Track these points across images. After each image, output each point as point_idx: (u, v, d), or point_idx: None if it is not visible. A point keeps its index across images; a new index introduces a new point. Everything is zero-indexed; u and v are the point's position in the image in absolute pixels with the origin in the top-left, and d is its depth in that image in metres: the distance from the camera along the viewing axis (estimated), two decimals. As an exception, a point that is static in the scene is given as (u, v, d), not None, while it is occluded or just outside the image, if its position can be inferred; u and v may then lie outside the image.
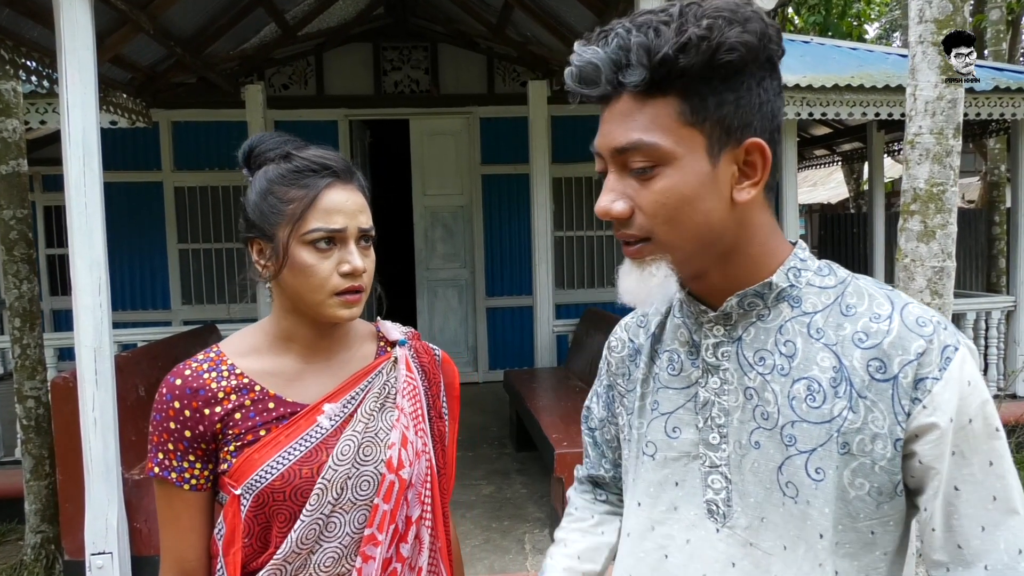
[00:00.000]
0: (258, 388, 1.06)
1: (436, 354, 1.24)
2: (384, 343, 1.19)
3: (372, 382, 1.11)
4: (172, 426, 1.04)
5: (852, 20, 11.56)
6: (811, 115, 5.15)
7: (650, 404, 0.89)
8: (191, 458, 1.05)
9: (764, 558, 0.78)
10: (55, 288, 6.59)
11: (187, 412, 1.04)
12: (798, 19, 11.51)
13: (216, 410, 1.04)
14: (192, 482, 1.06)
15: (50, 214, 6.54)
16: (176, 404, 1.04)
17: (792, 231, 5.57)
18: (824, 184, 14.53)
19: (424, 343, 1.23)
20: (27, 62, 3.78)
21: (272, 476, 1.02)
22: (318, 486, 1.02)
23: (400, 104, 6.76)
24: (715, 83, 0.73)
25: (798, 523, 0.76)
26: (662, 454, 0.86)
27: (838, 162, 9.76)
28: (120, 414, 3.02)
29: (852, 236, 9.23)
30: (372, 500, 1.06)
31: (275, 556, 1.03)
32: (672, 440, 0.85)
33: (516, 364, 6.74)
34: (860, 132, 7.59)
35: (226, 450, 1.05)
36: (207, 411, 1.04)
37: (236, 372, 1.07)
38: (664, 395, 0.87)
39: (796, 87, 4.97)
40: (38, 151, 6.04)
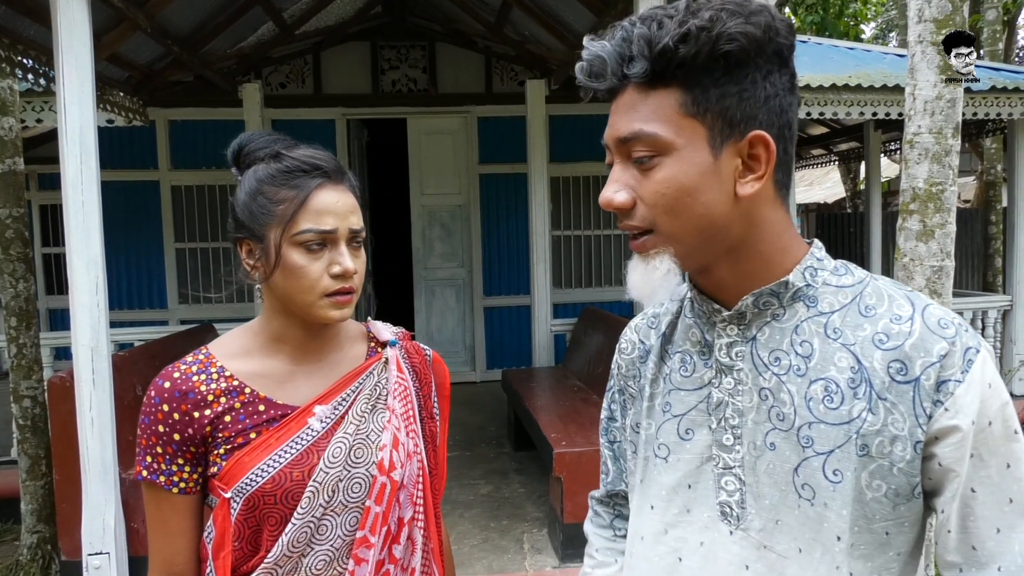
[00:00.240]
0: (248, 390, 1.05)
1: (427, 354, 1.23)
2: (375, 344, 1.18)
3: (363, 383, 1.10)
4: (161, 429, 1.03)
5: (849, 20, 11.59)
6: (808, 115, 5.15)
7: (661, 405, 0.87)
8: (180, 461, 1.04)
9: (779, 561, 0.77)
10: (51, 287, 6.57)
11: (176, 415, 1.03)
12: (795, 18, 11.53)
13: (206, 413, 1.03)
14: (181, 485, 1.04)
15: (46, 213, 6.53)
16: (165, 407, 1.03)
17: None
18: (821, 184, 14.56)
19: (415, 343, 1.22)
20: (24, 60, 3.77)
21: (263, 479, 1.01)
22: (309, 489, 1.01)
23: (398, 103, 6.75)
24: (717, 74, 0.73)
25: (814, 526, 0.75)
26: (675, 456, 0.85)
27: (835, 162, 9.78)
28: (117, 414, 3.01)
29: (849, 236, 9.25)
30: (364, 502, 1.05)
31: (266, 559, 1.02)
32: (685, 442, 0.84)
33: (514, 363, 6.74)
34: (857, 132, 7.61)
35: (216, 453, 1.04)
36: (196, 414, 1.03)
37: (226, 374, 1.06)
38: (676, 397, 0.86)
39: (794, 87, 4.97)
40: (34, 149, 6.03)
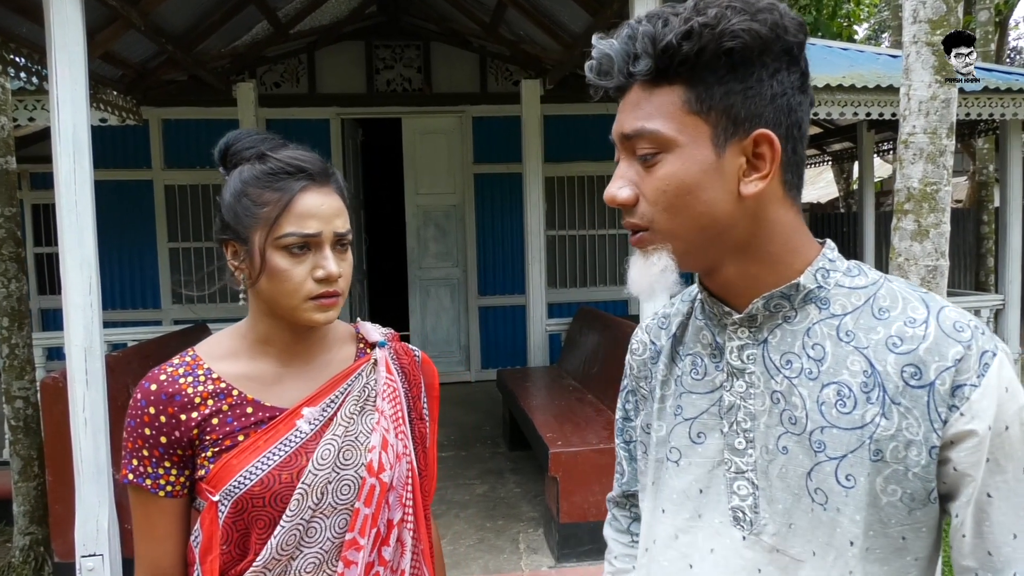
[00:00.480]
0: (235, 393, 1.05)
1: (416, 355, 1.22)
2: (364, 345, 1.17)
3: (352, 385, 1.09)
4: (147, 432, 1.02)
5: (842, 20, 11.63)
6: (811, 113, 5.17)
7: (672, 408, 0.87)
8: (167, 464, 1.03)
9: (792, 564, 0.76)
10: (43, 287, 6.53)
11: (163, 418, 1.02)
12: (789, 19, 11.55)
13: (193, 415, 1.02)
14: (168, 488, 1.04)
15: (38, 212, 6.49)
16: (151, 410, 1.02)
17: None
18: (814, 183, 14.62)
19: (404, 344, 1.21)
20: (16, 58, 3.74)
21: (251, 482, 1.00)
22: (298, 491, 1.01)
23: (392, 103, 6.74)
24: (721, 72, 0.73)
25: (827, 530, 0.75)
26: (686, 460, 0.84)
27: (828, 162, 9.81)
28: (111, 414, 2.99)
29: (842, 235, 9.27)
30: (353, 504, 1.04)
31: (255, 563, 1.01)
32: (697, 446, 0.83)
33: (509, 363, 6.74)
34: (850, 132, 7.63)
35: (203, 456, 1.03)
36: (183, 416, 1.02)
37: (213, 377, 1.05)
38: (688, 400, 0.85)
39: (788, 87, 4.99)
40: (26, 148, 5.99)
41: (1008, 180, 5.74)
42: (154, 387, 1.03)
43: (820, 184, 14.31)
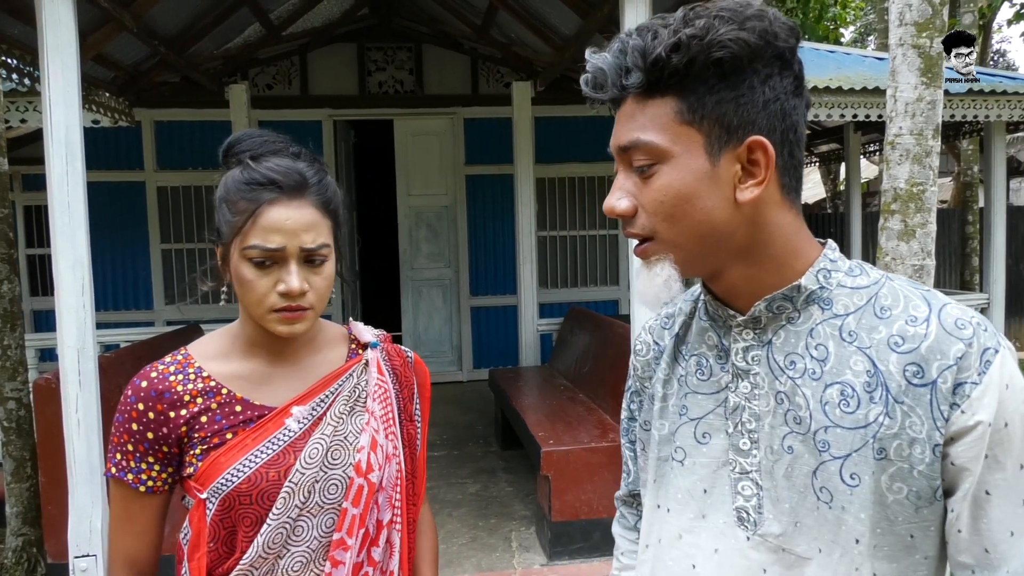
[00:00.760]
0: (225, 391, 1.05)
1: (408, 356, 1.23)
2: (356, 346, 1.18)
3: (342, 385, 1.10)
4: (134, 427, 1.04)
5: (829, 24, 11.72)
6: (807, 116, 5.22)
7: (676, 408, 0.87)
8: (150, 459, 1.04)
9: (798, 562, 0.77)
10: (35, 288, 6.50)
11: (151, 414, 1.03)
12: (777, 22, 11.63)
13: (182, 413, 1.03)
14: (149, 484, 1.05)
15: (30, 214, 6.46)
16: (140, 406, 1.04)
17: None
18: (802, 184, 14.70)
19: (396, 346, 1.22)
20: (8, 59, 3.74)
21: (238, 479, 1.01)
22: (285, 489, 1.01)
23: (384, 104, 6.75)
24: (712, 82, 0.74)
25: (833, 528, 0.75)
26: (691, 460, 0.85)
27: (815, 163, 9.89)
28: (104, 415, 2.99)
29: (830, 236, 9.31)
30: (341, 504, 1.05)
31: (242, 561, 1.01)
32: (702, 446, 0.84)
33: (501, 363, 6.76)
34: (837, 133, 7.70)
35: (192, 454, 1.04)
36: (172, 414, 1.03)
37: (203, 375, 1.06)
38: (693, 400, 0.86)
39: (776, 89, 5.04)
40: (18, 150, 5.97)
41: (992, 181, 5.81)
42: (144, 384, 1.05)
43: (807, 185, 14.41)
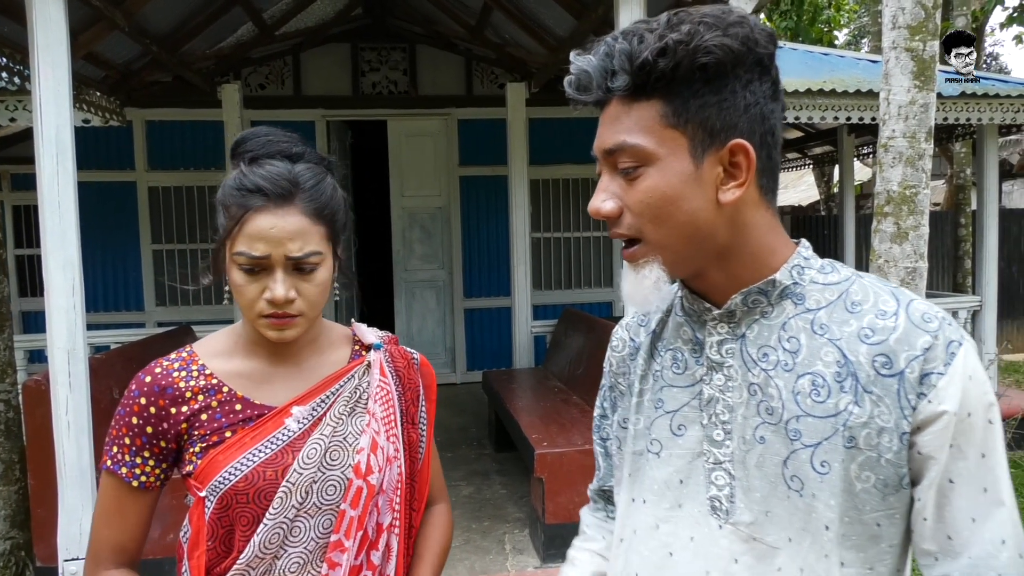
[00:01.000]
0: (226, 389, 1.06)
1: (414, 357, 1.22)
2: (359, 347, 1.17)
3: (344, 386, 1.10)
4: (134, 421, 1.04)
5: (822, 26, 11.77)
6: (783, 119, 5.23)
7: (652, 401, 0.89)
8: (145, 454, 1.04)
9: (768, 551, 0.79)
10: (24, 289, 6.45)
11: (152, 409, 1.04)
12: (770, 24, 11.68)
13: (183, 409, 1.04)
14: (142, 479, 1.05)
15: (19, 213, 6.41)
16: (142, 400, 1.04)
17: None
18: (795, 186, 14.76)
19: (401, 347, 1.21)
20: (-3, 58, 3.71)
21: (236, 478, 1.01)
22: (282, 489, 1.01)
23: (378, 105, 6.74)
24: (697, 86, 0.76)
25: (803, 516, 0.77)
26: (667, 451, 0.86)
27: (809, 165, 9.92)
28: (94, 417, 2.97)
29: (823, 238, 9.38)
30: (339, 505, 1.05)
31: (238, 560, 1.01)
32: (677, 438, 0.86)
33: (494, 365, 6.75)
34: (831, 136, 7.73)
35: (191, 451, 1.04)
36: (173, 410, 1.04)
37: (206, 373, 1.07)
38: (669, 393, 0.88)
39: (770, 91, 5.05)
40: (7, 149, 5.93)
41: (985, 183, 5.84)
42: (148, 379, 1.06)
43: (801, 187, 14.45)
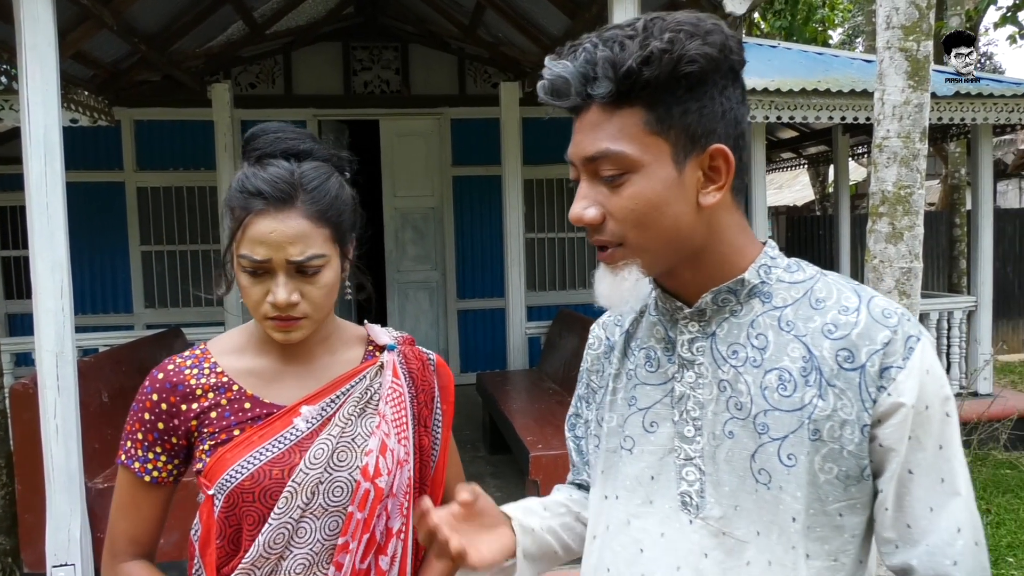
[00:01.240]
0: (235, 388, 1.06)
1: (430, 359, 1.21)
2: (373, 347, 1.16)
3: (354, 387, 1.09)
4: (146, 417, 1.06)
5: (817, 25, 11.79)
6: (779, 118, 5.23)
7: (626, 399, 0.91)
8: (157, 450, 1.06)
9: (737, 545, 0.81)
10: (11, 291, 6.39)
11: (164, 405, 1.05)
12: (764, 24, 11.69)
13: (193, 407, 1.05)
14: (154, 474, 1.07)
15: (4, 214, 6.35)
16: (154, 396, 1.06)
17: (761, 233, 5.65)
18: (790, 186, 14.79)
19: (416, 348, 1.20)
20: (-17, 58, 3.66)
21: (242, 476, 1.00)
22: (287, 489, 1.00)
23: (370, 104, 6.70)
24: (679, 93, 0.77)
25: (771, 508, 0.79)
26: (639, 448, 0.88)
27: (804, 165, 9.93)
28: (83, 421, 2.94)
29: (818, 238, 9.40)
30: (346, 507, 1.03)
31: (244, 560, 1.01)
32: (649, 434, 0.88)
33: (488, 366, 6.73)
34: (825, 135, 7.74)
35: (201, 449, 1.05)
36: (184, 407, 1.05)
37: (217, 370, 1.07)
38: (642, 391, 0.90)
39: (764, 91, 5.04)
40: (-6, 150, 5.87)
41: (979, 183, 5.84)
42: (161, 375, 1.07)
43: (796, 187, 14.48)
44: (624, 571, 0.87)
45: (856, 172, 11.73)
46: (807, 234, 9.75)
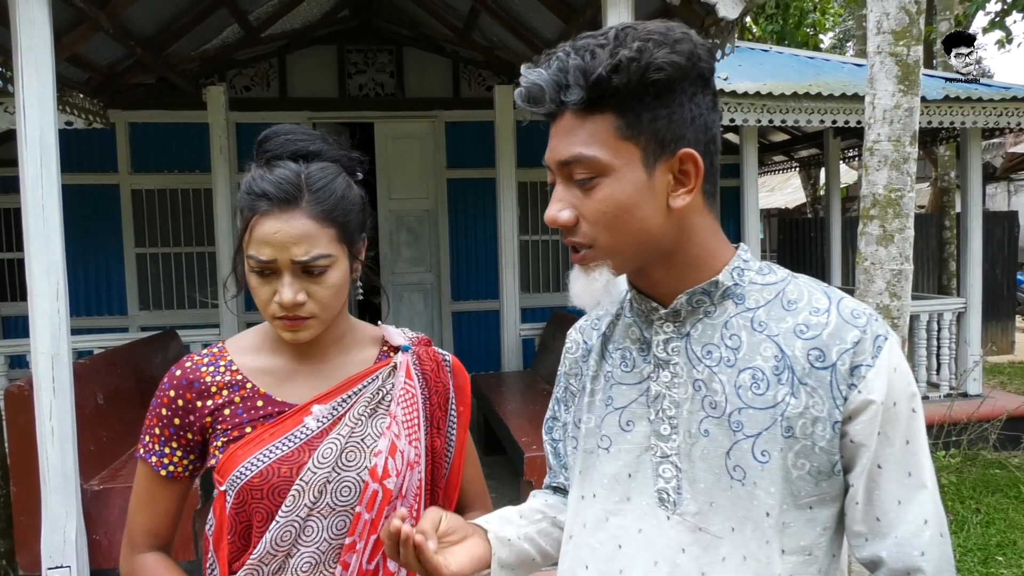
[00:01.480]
0: (249, 385, 1.08)
1: (446, 360, 1.21)
2: (387, 348, 1.17)
3: (366, 387, 1.10)
4: (164, 412, 1.08)
5: (808, 29, 11.87)
6: (771, 122, 5.26)
7: (603, 400, 0.93)
8: (173, 445, 1.08)
9: (713, 541, 0.83)
10: (5, 294, 6.37)
11: (180, 401, 1.08)
12: (756, 28, 11.76)
13: (207, 403, 1.07)
14: (171, 468, 1.09)
15: None
16: (172, 392, 1.08)
17: (753, 235, 5.69)
18: (782, 189, 14.86)
19: (432, 350, 1.20)
20: (-21, 60, 3.66)
21: (251, 473, 1.02)
22: (295, 487, 1.01)
23: (365, 107, 6.71)
24: (648, 100, 0.80)
25: (746, 504, 0.81)
26: (616, 447, 0.90)
27: (795, 168, 9.98)
28: (78, 423, 2.94)
29: (810, 240, 9.44)
30: (354, 507, 1.04)
31: (251, 556, 1.02)
32: (626, 433, 0.89)
33: (483, 368, 6.73)
34: (817, 139, 7.79)
35: (214, 445, 1.07)
36: (199, 403, 1.07)
37: (232, 368, 1.09)
38: (618, 391, 0.92)
39: (756, 95, 5.08)
40: (-12, 152, 5.84)
41: (969, 186, 5.90)
42: (179, 372, 1.10)
43: (787, 190, 14.55)
44: (602, 567, 0.88)
45: (847, 175, 11.81)
46: (799, 236, 9.80)
